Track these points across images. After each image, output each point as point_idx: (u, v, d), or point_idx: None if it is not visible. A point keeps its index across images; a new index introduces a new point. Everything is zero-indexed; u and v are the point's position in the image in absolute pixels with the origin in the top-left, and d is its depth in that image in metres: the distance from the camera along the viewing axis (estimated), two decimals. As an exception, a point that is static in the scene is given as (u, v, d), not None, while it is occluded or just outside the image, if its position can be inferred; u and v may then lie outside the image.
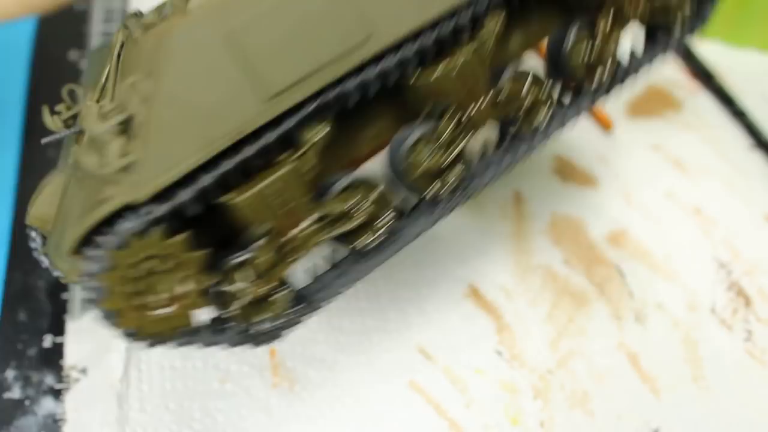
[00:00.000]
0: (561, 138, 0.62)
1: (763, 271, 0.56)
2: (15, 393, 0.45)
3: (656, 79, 0.69)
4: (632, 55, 0.44)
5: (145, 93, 0.30)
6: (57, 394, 0.45)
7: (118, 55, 0.33)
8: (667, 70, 0.69)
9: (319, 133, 0.34)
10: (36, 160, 0.56)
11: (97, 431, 0.44)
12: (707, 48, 0.70)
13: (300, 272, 0.37)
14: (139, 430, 0.44)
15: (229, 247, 0.33)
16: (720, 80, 0.67)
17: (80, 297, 0.49)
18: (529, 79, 0.40)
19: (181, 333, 0.32)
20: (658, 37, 0.43)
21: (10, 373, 0.46)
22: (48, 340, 0.48)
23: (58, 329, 0.48)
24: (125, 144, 0.30)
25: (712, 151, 0.63)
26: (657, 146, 0.63)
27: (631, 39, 0.43)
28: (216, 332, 0.33)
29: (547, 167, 0.60)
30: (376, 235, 0.37)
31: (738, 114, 0.66)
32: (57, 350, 0.47)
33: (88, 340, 0.48)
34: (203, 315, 0.34)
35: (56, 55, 0.62)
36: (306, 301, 0.36)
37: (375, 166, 0.39)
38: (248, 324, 0.34)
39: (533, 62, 0.42)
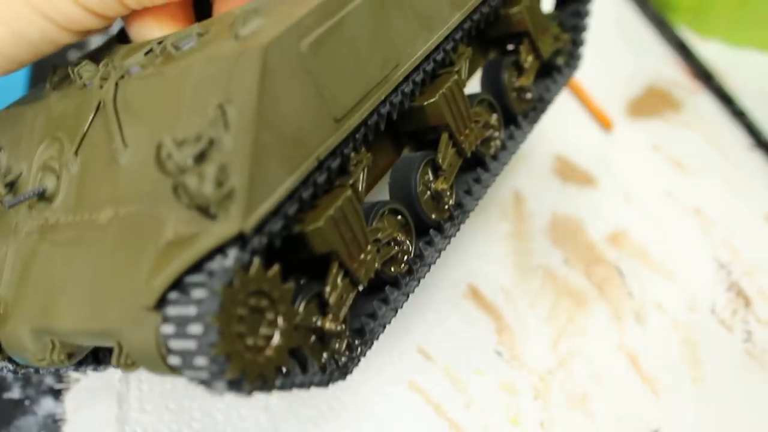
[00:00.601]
0: (561, 138, 0.62)
1: (763, 271, 0.56)
2: (15, 393, 0.45)
3: (656, 79, 0.69)
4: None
5: (230, 117, 0.28)
6: (57, 394, 0.45)
7: (114, 98, 0.33)
8: (667, 70, 0.70)
9: (365, 156, 0.36)
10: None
11: (97, 431, 0.44)
12: (707, 48, 0.70)
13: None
14: (139, 430, 0.44)
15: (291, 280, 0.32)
16: (720, 80, 0.67)
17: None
18: (489, 106, 0.44)
19: (279, 374, 0.30)
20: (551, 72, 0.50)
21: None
22: (48, 340, 0.48)
23: (58, 329, 0.48)
24: (216, 172, 0.27)
25: (712, 151, 0.64)
26: (657, 146, 0.63)
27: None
28: (302, 371, 0.32)
29: (547, 167, 0.60)
30: (408, 258, 0.38)
31: (738, 114, 0.66)
32: (57, 350, 0.47)
33: (88, 340, 0.48)
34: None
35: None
36: (364, 334, 0.36)
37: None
38: (326, 358, 0.33)
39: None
